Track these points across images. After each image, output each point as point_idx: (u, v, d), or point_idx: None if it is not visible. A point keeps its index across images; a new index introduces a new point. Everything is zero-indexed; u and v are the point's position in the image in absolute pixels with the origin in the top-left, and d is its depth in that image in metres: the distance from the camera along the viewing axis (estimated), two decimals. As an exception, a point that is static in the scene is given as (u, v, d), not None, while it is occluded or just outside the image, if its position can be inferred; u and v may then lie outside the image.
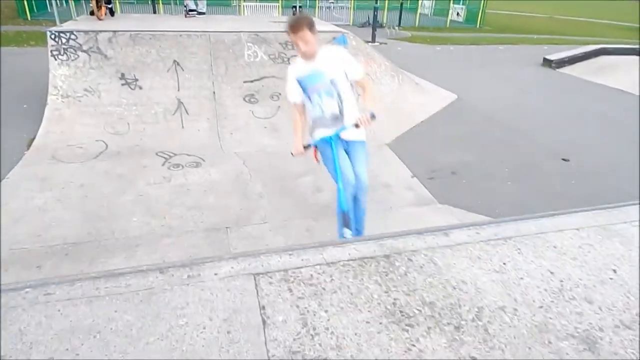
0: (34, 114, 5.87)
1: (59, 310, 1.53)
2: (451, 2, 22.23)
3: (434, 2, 24.25)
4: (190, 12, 8.01)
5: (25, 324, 1.48)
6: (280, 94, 6.52)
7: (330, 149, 3.11)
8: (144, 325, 1.52)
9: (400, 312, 1.66)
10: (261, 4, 17.78)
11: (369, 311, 1.65)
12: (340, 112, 3.05)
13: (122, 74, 6.07)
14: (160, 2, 16.40)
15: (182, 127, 5.87)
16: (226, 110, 6.17)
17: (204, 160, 5.14)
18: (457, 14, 22.54)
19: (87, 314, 1.53)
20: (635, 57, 11.65)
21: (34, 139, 5.34)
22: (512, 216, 2.69)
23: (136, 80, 6.11)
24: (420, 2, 23.16)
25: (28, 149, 5.17)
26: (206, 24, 7.35)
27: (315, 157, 3.36)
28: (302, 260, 1.94)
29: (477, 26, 21.55)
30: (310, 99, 3.08)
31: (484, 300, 1.76)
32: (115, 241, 3.62)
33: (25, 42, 11.46)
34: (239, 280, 1.79)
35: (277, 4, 17.62)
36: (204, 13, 8.25)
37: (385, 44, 13.12)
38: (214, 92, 6.29)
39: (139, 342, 1.45)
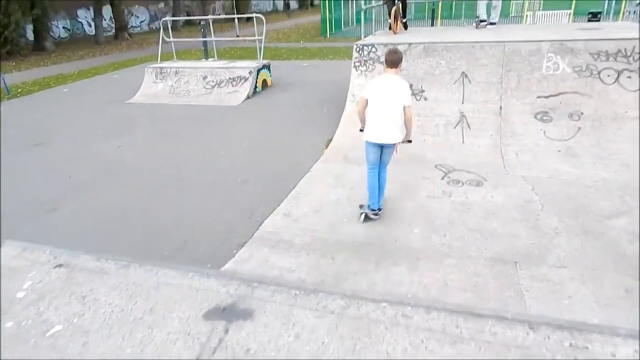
0: (333, 117, 6.72)
1: (422, 342, 1.47)
2: None
3: None
4: (481, 23, 7.69)
5: (391, 347, 1.46)
6: (582, 113, 5.50)
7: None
8: None
9: None
10: (549, 11, 15.92)
11: None
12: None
13: (411, 85, 6.26)
14: (439, 16, 16.76)
15: (463, 141, 5.64)
16: (513, 127, 5.60)
17: (485, 180, 4.76)
18: None
19: (452, 357, 1.39)
20: None
21: (331, 139, 6.09)
22: None
23: (423, 91, 6.23)
24: None
25: (326, 147, 5.92)
26: (500, 33, 6.90)
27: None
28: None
29: None
30: None
31: None
32: (398, 249, 3.66)
33: (325, 55, 13.58)
34: None
35: (568, 11, 15.46)
36: (495, 23, 7.80)
37: None
38: (500, 107, 5.81)
39: None
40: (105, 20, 24.13)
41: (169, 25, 11.04)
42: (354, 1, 19.72)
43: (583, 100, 5.56)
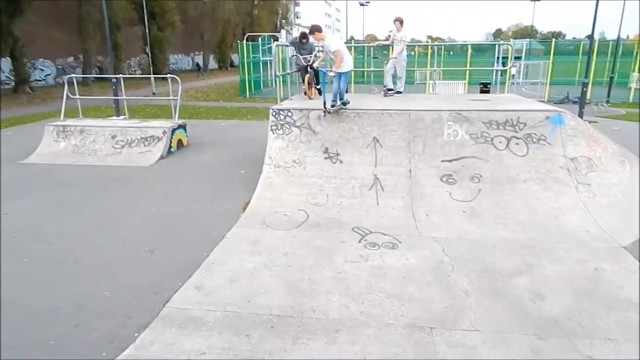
0: (250, 179, 6.60)
1: None
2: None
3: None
4: (389, 92, 8.30)
5: None
6: (481, 175, 6.01)
7: None
8: None
9: None
10: (448, 81, 17.86)
11: None
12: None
13: (326, 148, 6.46)
14: (352, 81, 17.97)
15: (377, 203, 5.81)
16: (422, 189, 5.93)
17: (399, 242, 4.88)
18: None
19: None
20: None
21: (248, 202, 5.94)
22: None
23: (338, 154, 6.42)
24: (633, 74, 20.12)
25: (243, 211, 5.74)
26: (405, 102, 7.47)
27: None
28: None
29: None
30: None
31: None
32: (316, 321, 3.51)
33: (244, 115, 13.68)
34: None
35: (463, 81, 17.46)
36: (400, 92, 8.47)
37: (596, 122, 11.43)
38: (410, 170, 6.16)
39: None
40: (3, 72, 22.30)
41: (75, 82, 10.40)
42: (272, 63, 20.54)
43: (481, 164, 6.09)
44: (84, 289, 3.98)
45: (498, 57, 21.08)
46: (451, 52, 35.65)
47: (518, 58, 22.88)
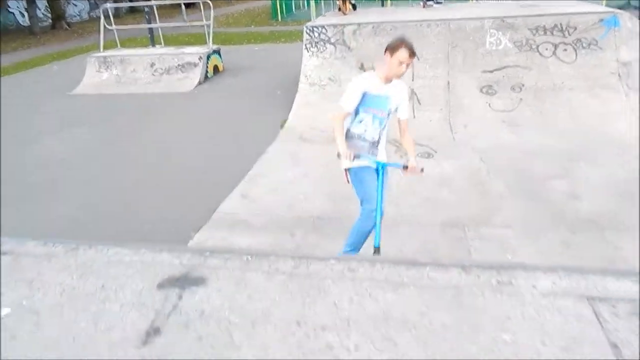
0: (286, 99, 6.69)
1: (367, 290, 1.53)
2: None
3: None
4: (427, 3, 7.87)
5: (338, 298, 1.52)
6: (523, 85, 5.79)
7: (376, 176, 2.91)
8: (463, 331, 1.37)
9: None
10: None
11: None
12: (378, 141, 2.98)
13: (362, 64, 6.36)
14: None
15: (414, 116, 5.78)
16: (460, 101, 5.82)
17: (435, 152, 4.93)
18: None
19: (396, 302, 1.48)
20: None
21: (286, 120, 6.09)
22: None
23: (374, 69, 6.31)
24: None
25: (281, 128, 5.91)
26: (445, 12, 7.09)
27: (346, 177, 3.11)
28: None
29: None
30: (357, 115, 2.90)
31: None
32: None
33: (277, 39, 13.42)
34: (569, 302, 1.47)
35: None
36: (441, 3, 8.00)
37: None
38: (448, 82, 6.01)
39: (460, 349, 1.31)
40: (40, 10, 22.56)
41: (110, 13, 10.49)
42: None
43: (524, 73, 5.85)
44: (144, 202, 4.38)
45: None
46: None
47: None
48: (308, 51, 6.66)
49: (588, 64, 5.70)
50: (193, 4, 16.33)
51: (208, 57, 9.22)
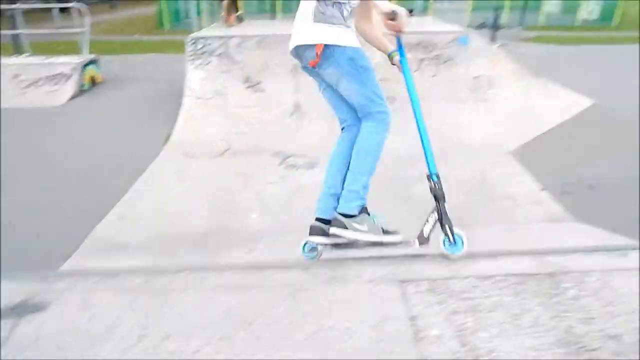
0: (171, 113, 6.51)
1: (213, 297, 1.62)
2: (583, -3, 19.94)
3: (562, -1, 21.92)
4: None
5: (184, 307, 1.58)
6: (395, 97, 6.38)
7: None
8: (293, 322, 1.54)
9: (578, 343, 1.44)
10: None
11: (537, 337, 1.46)
12: None
13: (247, 77, 6.47)
14: (279, 10, 17.30)
15: (299, 128, 6.05)
16: (340, 113, 6.22)
17: (318, 162, 5.21)
18: (590, 10, 20.10)
19: (238, 304, 1.59)
20: None
21: (170, 135, 5.93)
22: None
23: (259, 82, 6.46)
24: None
25: (165, 144, 5.74)
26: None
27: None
28: (451, 270, 1.82)
29: (614, 24, 18.97)
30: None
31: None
32: (238, 235, 3.81)
33: (164, 49, 12.91)
34: (384, 285, 1.73)
35: (389, 8, 17.45)
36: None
37: (507, 44, 12.21)
38: (329, 95, 6.38)
39: (289, 339, 1.47)
40: None
41: (-40, 15, 9.21)
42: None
43: (394, 86, 6.42)
44: (7, 230, 3.95)
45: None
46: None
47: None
48: (192, 63, 6.58)
49: (447, 78, 6.49)
50: (68, 8, 15.02)
51: (84, 68, 8.56)
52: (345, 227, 2.10)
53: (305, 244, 2.40)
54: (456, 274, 1.79)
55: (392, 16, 1.99)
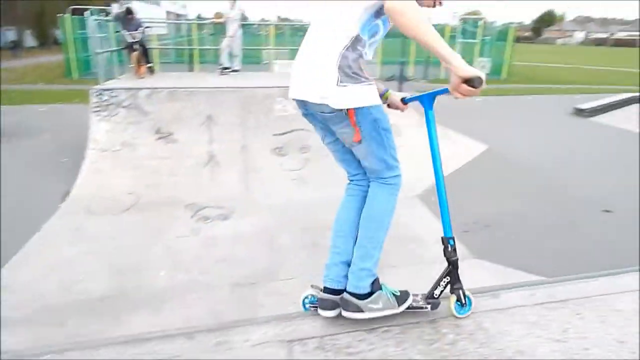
0: (73, 167, 6.08)
1: None
2: (475, 55, 22.66)
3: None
4: (224, 70, 8.38)
5: None
6: (309, 146, 6.58)
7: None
8: None
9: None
10: (291, 61, 18.52)
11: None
12: None
13: (159, 129, 6.30)
14: (197, 61, 17.37)
15: (213, 179, 5.95)
16: (255, 162, 6.25)
17: (233, 213, 5.12)
18: (482, 66, 22.82)
19: None
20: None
21: (69, 191, 5.50)
22: (563, 275, 2.49)
23: (171, 134, 6.31)
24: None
25: (64, 201, 5.30)
26: (240, 80, 7.67)
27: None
28: (340, 325, 1.81)
29: (503, 77, 21.68)
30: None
31: (544, 376, 1.57)
32: (142, 296, 3.55)
33: (70, 99, 12.22)
34: (272, 348, 1.67)
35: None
36: (238, 70, 8.62)
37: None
38: (244, 145, 6.41)
39: None
40: None
41: None
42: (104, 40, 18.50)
43: (308, 136, 6.65)
44: None
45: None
46: (300, 33, 36.85)
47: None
48: (97, 115, 6.28)
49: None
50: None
51: (-28, 120, 7.78)
52: (361, 310, 1.93)
53: (305, 299, 2.18)
54: (344, 329, 1.80)
55: (473, 83, 1.73)
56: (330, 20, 1.86)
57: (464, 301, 2.03)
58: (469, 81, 1.72)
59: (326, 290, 2.04)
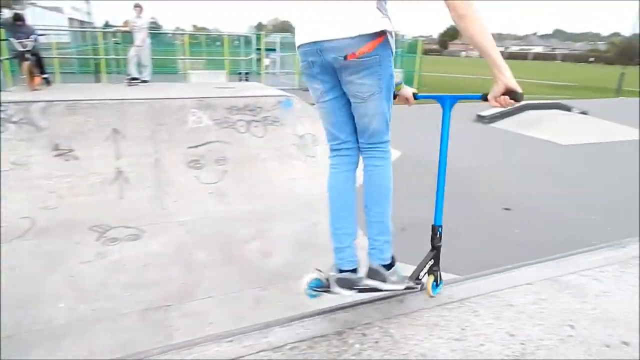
0: (-49, 191, 5.32)
1: None
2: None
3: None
4: (132, 81, 7.91)
5: None
6: (225, 158, 6.41)
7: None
8: None
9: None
10: (208, 71, 18.08)
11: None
12: None
13: (56, 145, 5.73)
14: (104, 71, 16.22)
15: (122, 197, 5.53)
16: (169, 177, 5.93)
17: (144, 232, 4.80)
18: (397, 76, 24.08)
19: None
20: (555, 111, 12.85)
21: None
22: (466, 274, 2.64)
23: (71, 150, 5.78)
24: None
25: (-60, 231, 4.60)
26: (150, 91, 7.28)
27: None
28: (245, 347, 1.74)
29: (414, 87, 23.09)
30: None
31: (445, 374, 1.63)
32: (37, 334, 3.17)
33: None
34: None
35: (223, 71, 18.00)
36: (147, 81, 8.19)
37: (331, 105, 13.61)
38: (156, 160, 6.06)
39: None
40: None
41: None
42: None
43: (225, 147, 6.49)
44: None
45: (258, 49, 22.47)
46: (217, 43, 36.09)
47: (272, 50, 24.85)
48: (-20, 132, 5.57)
49: (275, 137, 6.82)
50: None
51: None
52: (384, 281, 1.98)
53: (309, 284, 2.11)
54: (250, 351, 1.73)
55: (517, 96, 1.84)
56: None
57: (438, 282, 2.25)
58: (512, 93, 1.82)
59: (342, 272, 2.04)
